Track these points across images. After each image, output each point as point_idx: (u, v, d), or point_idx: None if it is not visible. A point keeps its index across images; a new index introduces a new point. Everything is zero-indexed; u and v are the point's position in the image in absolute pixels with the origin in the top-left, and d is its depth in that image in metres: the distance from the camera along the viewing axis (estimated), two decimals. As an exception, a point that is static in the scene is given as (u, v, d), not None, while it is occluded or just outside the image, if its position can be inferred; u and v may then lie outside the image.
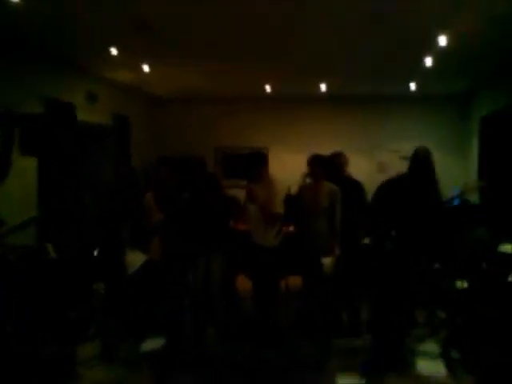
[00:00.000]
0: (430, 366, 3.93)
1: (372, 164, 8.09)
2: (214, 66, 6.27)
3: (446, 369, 3.86)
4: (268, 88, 7.36)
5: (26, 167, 5.02)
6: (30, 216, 4.01)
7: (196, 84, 7.47)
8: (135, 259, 4.46)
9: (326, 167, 4.66)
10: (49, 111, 5.63)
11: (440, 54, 5.05)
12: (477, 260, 4.06)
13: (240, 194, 4.82)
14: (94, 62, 6.08)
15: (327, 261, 4.34)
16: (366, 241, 4.61)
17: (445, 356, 3.97)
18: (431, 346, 4.27)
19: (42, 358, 3.68)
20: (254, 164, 4.41)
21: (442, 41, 4.53)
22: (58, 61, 5.88)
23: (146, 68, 5.93)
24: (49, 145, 5.45)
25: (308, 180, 4.75)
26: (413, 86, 6.94)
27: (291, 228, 4.81)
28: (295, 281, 4.45)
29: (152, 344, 4.19)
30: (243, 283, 4.49)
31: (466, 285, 4.07)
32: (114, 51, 5.16)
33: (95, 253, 4.18)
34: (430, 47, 4.86)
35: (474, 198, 6.36)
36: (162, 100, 8.70)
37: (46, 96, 5.62)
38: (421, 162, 4.01)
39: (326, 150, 4.88)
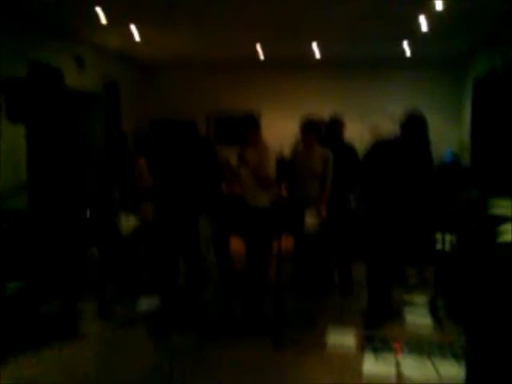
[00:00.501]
0: (417, 316, 4.05)
1: (365, 128, 8.03)
2: (204, 28, 6.14)
3: (433, 319, 3.98)
4: (260, 51, 7.23)
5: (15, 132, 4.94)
6: (21, 182, 3.98)
7: (186, 48, 7.34)
8: (128, 222, 4.48)
9: (320, 132, 4.64)
10: (34, 75, 5.50)
11: (435, 14, 4.97)
12: (467, 220, 4.11)
13: (233, 158, 4.81)
14: (81, 25, 5.93)
15: (310, 220, 4.39)
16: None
17: (432, 306, 4.08)
18: (419, 298, 4.41)
19: (45, 316, 3.77)
20: (246, 127, 4.37)
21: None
22: (45, 24, 5.73)
23: (134, 31, 5.80)
24: (36, 111, 5.36)
25: (301, 144, 4.73)
26: (407, 48, 6.84)
27: (283, 191, 4.84)
28: (288, 242, 4.51)
29: (147, 303, 4.27)
30: (236, 246, 4.53)
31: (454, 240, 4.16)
32: (100, 12, 5.03)
33: (87, 215, 4.18)
34: (425, 6, 4.78)
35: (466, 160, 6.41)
36: (152, 65, 8.55)
37: (32, 60, 5.49)
38: (413, 126, 3.94)
39: (317, 113, 4.83)
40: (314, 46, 6.93)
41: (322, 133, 4.77)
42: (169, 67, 8.63)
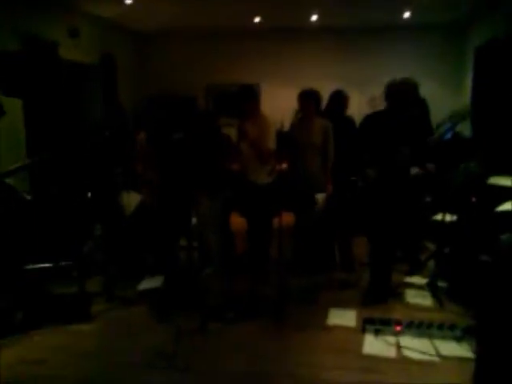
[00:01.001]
0: (417, 297, 4.09)
1: (364, 98, 7.95)
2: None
3: (433, 298, 4.03)
4: (258, 19, 7.06)
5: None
6: (21, 163, 3.94)
7: (183, 18, 7.15)
8: (131, 200, 4.48)
9: (319, 102, 4.57)
10: (28, 49, 5.39)
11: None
12: (466, 192, 4.12)
13: (232, 132, 4.76)
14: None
15: (320, 197, 4.38)
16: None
17: (432, 286, 4.12)
18: (419, 278, 4.45)
19: (56, 298, 3.84)
20: (244, 99, 4.28)
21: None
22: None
23: (128, 0, 5.65)
24: (32, 85, 5.28)
25: (299, 116, 4.66)
26: (406, 14, 6.67)
27: (284, 165, 4.80)
28: (288, 218, 4.50)
29: (150, 283, 4.30)
30: (236, 223, 4.53)
31: (454, 218, 4.17)
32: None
33: (89, 194, 4.17)
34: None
35: (466, 131, 6.35)
36: (148, 37, 8.37)
37: (26, 33, 5.36)
38: (395, 96, 3.82)
39: (317, 85, 4.76)
40: (313, 16, 6.77)
41: (320, 103, 4.70)
42: (166, 39, 8.43)
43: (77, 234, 4.09)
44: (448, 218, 4.11)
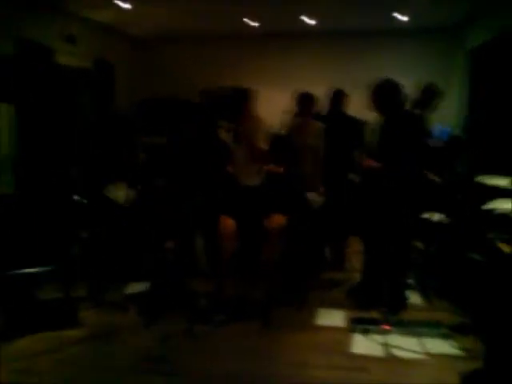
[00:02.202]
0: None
1: (361, 101, 7.94)
2: (196, 2, 6.00)
3: (422, 296, 4.03)
4: (253, 24, 7.09)
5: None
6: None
7: (178, 23, 7.22)
8: (118, 191, 4.41)
9: (314, 105, 4.57)
10: (23, 53, 5.38)
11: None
12: (454, 191, 4.12)
13: (223, 134, 4.75)
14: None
15: (313, 196, 4.38)
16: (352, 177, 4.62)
17: (420, 284, 4.11)
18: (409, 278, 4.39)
19: (42, 302, 3.79)
20: (237, 102, 4.30)
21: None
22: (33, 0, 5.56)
23: (124, 5, 5.67)
24: (25, 91, 5.27)
25: (291, 118, 4.67)
26: (403, 17, 6.70)
27: (276, 168, 4.78)
28: (280, 220, 4.49)
29: (137, 287, 4.27)
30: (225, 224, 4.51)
31: (442, 216, 4.16)
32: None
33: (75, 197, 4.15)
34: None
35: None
36: (144, 41, 8.44)
37: (20, 38, 5.35)
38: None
39: (312, 88, 4.75)
40: (306, 18, 6.80)
41: (316, 106, 4.71)
42: (162, 43, 8.49)
43: (63, 237, 4.06)
44: (436, 217, 4.11)
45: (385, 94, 3.80)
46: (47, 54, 5.81)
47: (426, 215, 4.23)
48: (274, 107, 6.79)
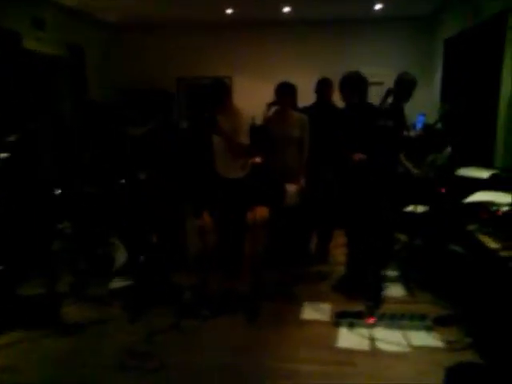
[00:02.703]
0: (390, 287, 4.13)
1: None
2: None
3: (405, 288, 4.09)
4: (230, 11, 6.97)
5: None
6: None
7: (153, 9, 7.00)
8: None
9: (295, 95, 4.53)
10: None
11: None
12: (436, 184, 4.17)
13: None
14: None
15: (291, 188, 4.35)
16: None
17: (404, 276, 4.18)
18: (391, 271, 4.46)
19: (24, 299, 3.72)
20: (216, 93, 4.20)
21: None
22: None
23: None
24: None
25: (272, 109, 4.61)
26: (378, 6, 6.70)
27: (258, 159, 4.75)
28: (263, 212, 4.47)
29: (120, 282, 4.21)
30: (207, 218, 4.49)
31: (425, 209, 4.22)
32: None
33: (56, 191, 4.05)
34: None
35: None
36: (119, 28, 8.18)
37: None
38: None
39: (292, 78, 4.71)
40: (286, 8, 6.73)
41: (296, 96, 4.67)
42: (136, 31, 8.27)
43: (44, 232, 3.97)
44: (419, 209, 4.16)
45: (350, 85, 3.94)
46: (15, 39, 5.59)
47: (410, 208, 4.29)
48: (249, 96, 6.75)
